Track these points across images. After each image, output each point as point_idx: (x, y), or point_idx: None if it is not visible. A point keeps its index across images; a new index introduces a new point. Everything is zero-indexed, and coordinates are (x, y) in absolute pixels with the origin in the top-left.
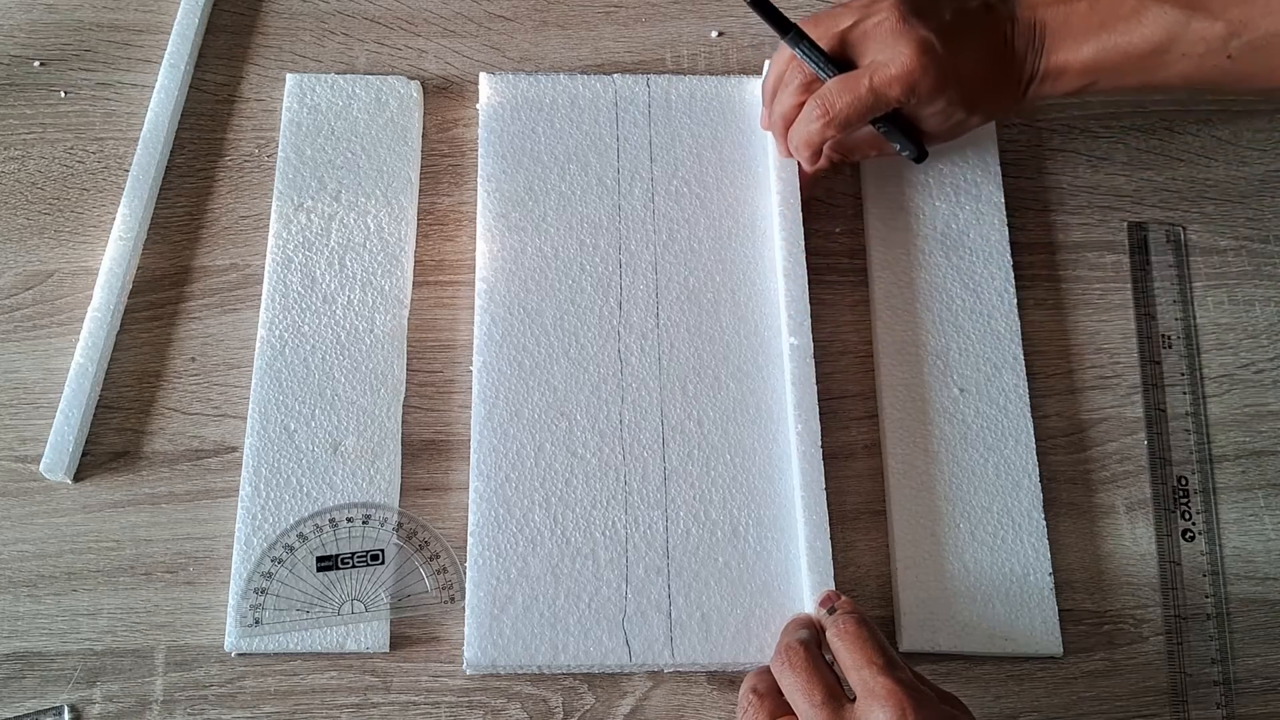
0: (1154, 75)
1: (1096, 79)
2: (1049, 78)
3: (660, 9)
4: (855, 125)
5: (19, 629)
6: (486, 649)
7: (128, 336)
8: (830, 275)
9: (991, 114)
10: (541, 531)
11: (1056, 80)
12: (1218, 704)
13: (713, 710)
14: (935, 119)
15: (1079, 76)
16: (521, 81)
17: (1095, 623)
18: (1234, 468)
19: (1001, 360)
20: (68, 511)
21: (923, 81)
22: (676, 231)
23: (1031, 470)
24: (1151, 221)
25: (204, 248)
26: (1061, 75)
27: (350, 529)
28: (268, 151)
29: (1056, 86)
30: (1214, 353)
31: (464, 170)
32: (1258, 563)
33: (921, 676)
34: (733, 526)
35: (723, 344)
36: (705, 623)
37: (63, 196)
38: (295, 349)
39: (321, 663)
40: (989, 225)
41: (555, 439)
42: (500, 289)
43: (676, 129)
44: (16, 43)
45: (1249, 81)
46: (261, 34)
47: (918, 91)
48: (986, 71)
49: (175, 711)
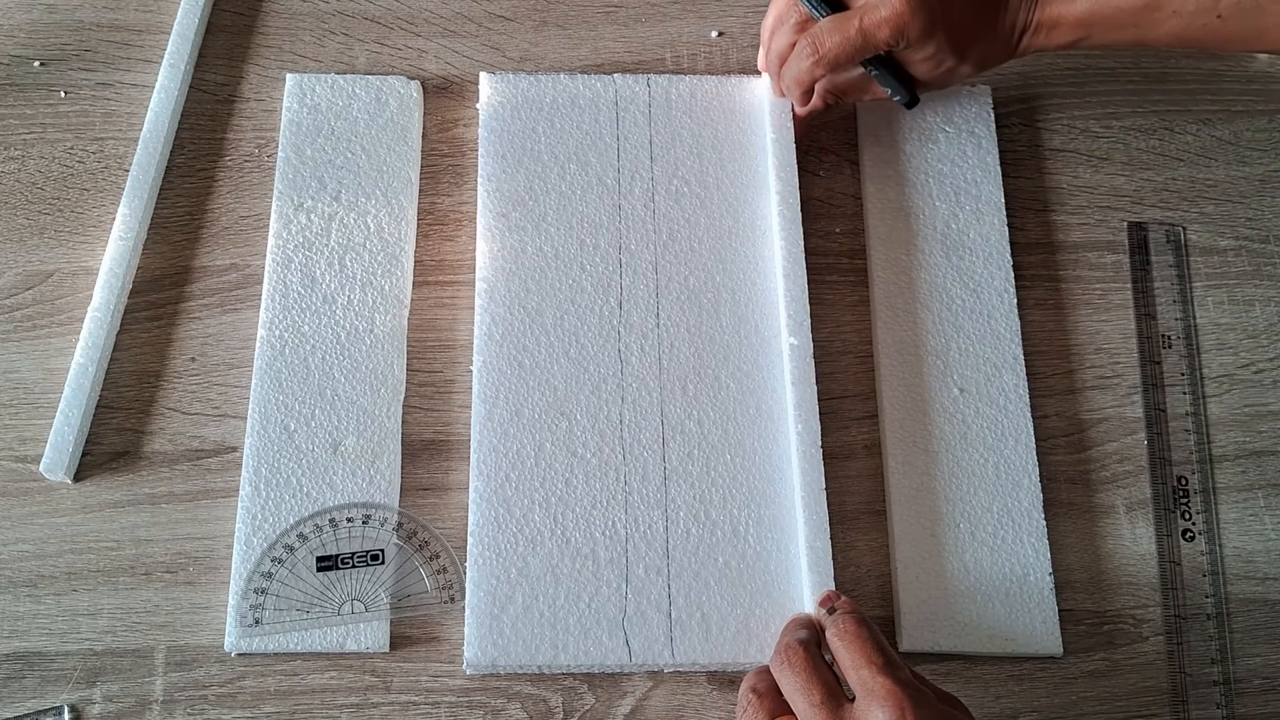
0: (1146, 32)
1: (1090, 33)
2: (1043, 29)
3: (660, 9)
4: (844, 66)
5: (19, 629)
6: (486, 649)
7: (128, 336)
8: (830, 275)
9: (983, 63)
10: (541, 531)
11: (1050, 32)
12: (1218, 704)
13: (712, 710)
14: (926, 65)
15: (1072, 30)
16: (522, 81)
17: (1095, 623)
18: (1234, 468)
19: (1001, 360)
20: (68, 511)
21: (912, 25)
22: (677, 231)
23: (1031, 470)
24: (1151, 221)
25: (204, 248)
26: (1055, 27)
27: (350, 529)
28: (268, 151)
29: (1050, 39)
30: (1214, 353)
31: (464, 170)
32: (1258, 563)
33: (921, 676)
34: (733, 526)
35: (723, 344)
36: (705, 623)
37: (63, 196)
38: (295, 349)
39: (321, 663)
40: (989, 225)
41: (555, 439)
42: (500, 289)
43: (677, 129)
44: (16, 43)
45: (1239, 42)
46: (261, 34)
47: (907, 35)
48: (976, 19)
49: (175, 711)
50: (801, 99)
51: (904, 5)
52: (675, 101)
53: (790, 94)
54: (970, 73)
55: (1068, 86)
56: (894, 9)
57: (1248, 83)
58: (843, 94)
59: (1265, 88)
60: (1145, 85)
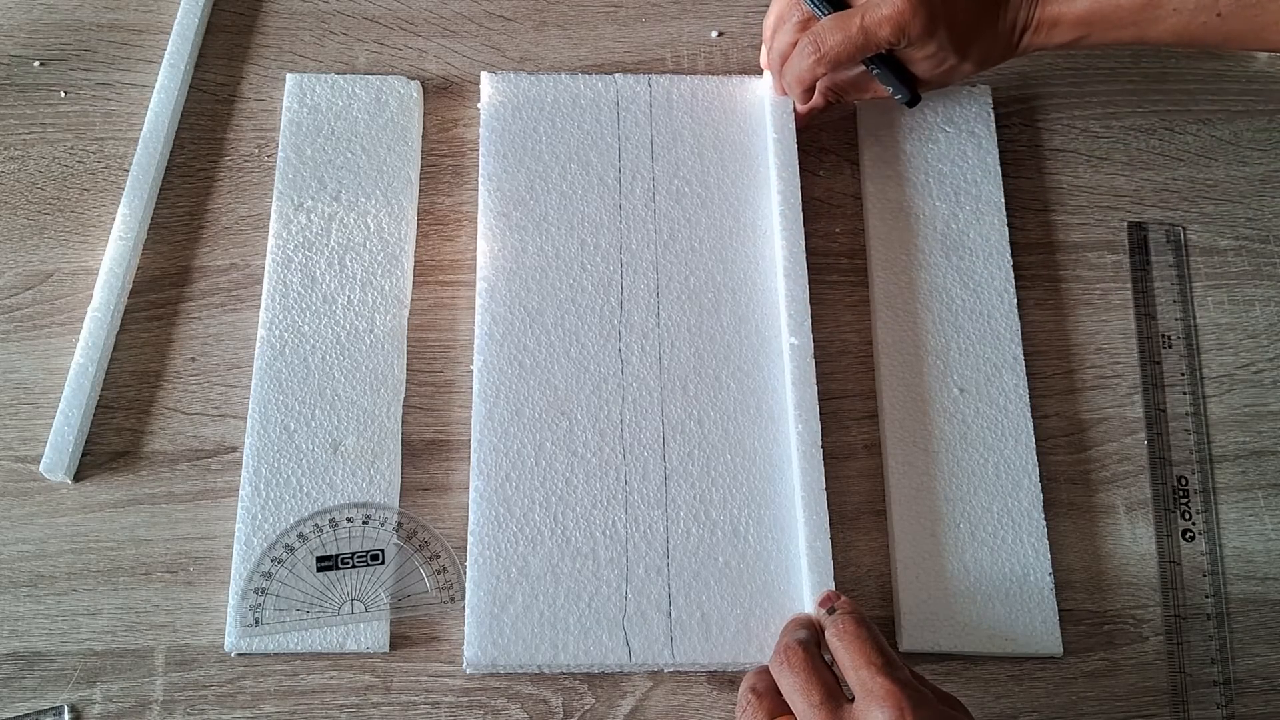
0: (1146, 30)
1: (1090, 31)
2: (1043, 28)
3: (660, 9)
4: (846, 64)
5: (19, 629)
6: (486, 649)
7: (128, 336)
8: (830, 275)
9: (984, 62)
10: (541, 531)
11: (1051, 31)
12: (1218, 704)
13: (712, 710)
14: (928, 63)
15: (1073, 28)
16: (523, 81)
17: (1095, 623)
18: (1234, 468)
19: (1001, 360)
20: (68, 511)
21: (913, 23)
22: (677, 231)
23: (1031, 470)
24: (1151, 221)
25: (204, 248)
26: (1056, 26)
27: (350, 529)
28: (268, 151)
29: (1051, 37)
30: (1214, 353)
31: (464, 170)
32: (1258, 563)
33: (921, 676)
34: (733, 526)
35: (723, 344)
36: (705, 623)
37: (63, 196)
38: (295, 349)
39: (321, 663)
40: (989, 225)
41: (555, 438)
42: (501, 288)
43: (678, 129)
44: (16, 43)
45: (1239, 40)
46: (261, 34)
47: (908, 33)
48: (978, 17)
49: (175, 711)
50: (803, 97)
51: (905, 3)
52: (676, 101)
53: (792, 92)
54: (971, 71)
55: (1068, 86)
56: (895, 7)
57: (1248, 83)
58: (844, 92)
59: (1265, 88)
60: (1145, 85)
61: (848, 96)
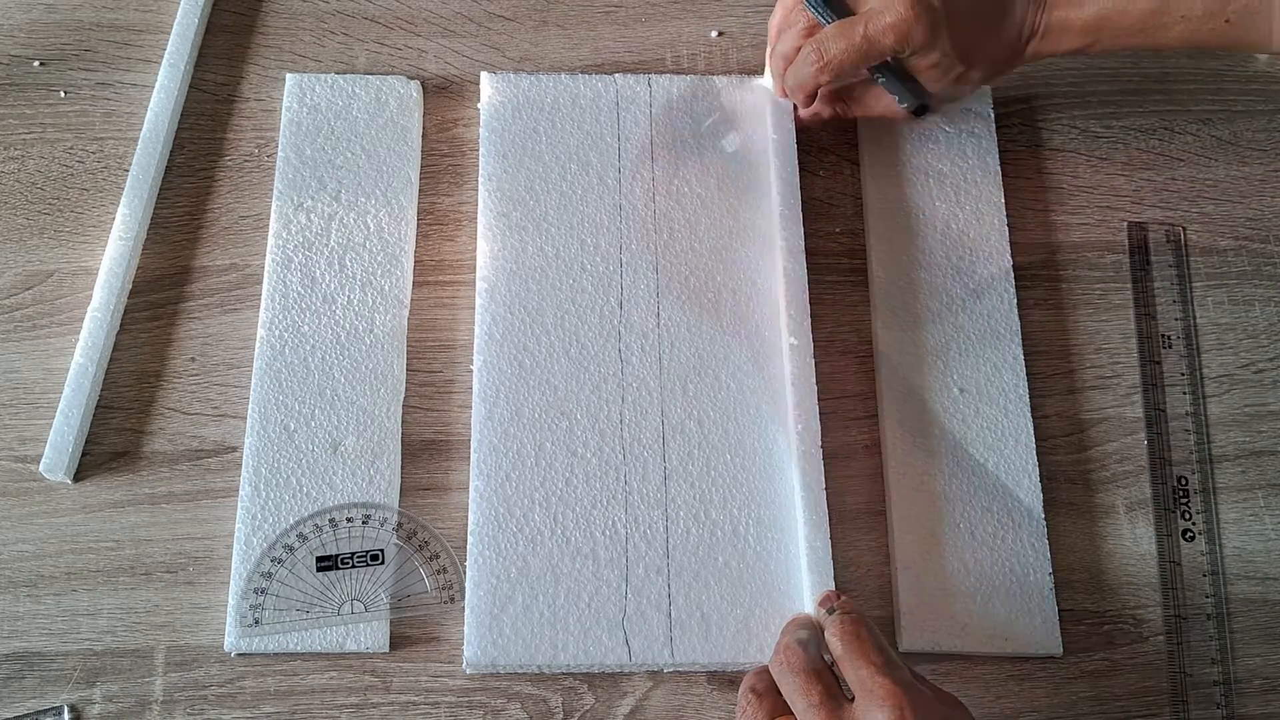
0: (1154, 36)
1: (1097, 38)
2: (1050, 35)
3: (660, 9)
4: (848, 72)
5: (19, 629)
6: (486, 649)
7: (128, 336)
8: (830, 275)
9: (991, 70)
10: (541, 531)
11: (1058, 38)
12: (1218, 704)
13: (712, 710)
14: (933, 72)
15: (1080, 35)
16: (523, 81)
17: (1095, 623)
18: (1234, 468)
19: (1001, 360)
20: (68, 511)
21: (916, 31)
22: (677, 231)
23: (1031, 470)
24: (1151, 221)
25: (204, 248)
26: (1063, 33)
27: (350, 529)
28: (268, 151)
29: (1058, 44)
30: (1214, 353)
31: (464, 170)
32: (1258, 563)
33: (921, 676)
34: (733, 526)
35: (723, 344)
36: (705, 623)
37: (63, 196)
38: (295, 349)
39: (321, 663)
40: (989, 225)
41: (555, 438)
42: (501, 288)
43: (678, 129)
44: (16, 43)
45: (1248, 45)
46: (261, 34)
47: (911, 41)
48: (983, 25)
49: (175, 711)
50: (805, 103)
51: (908, 11)
52: (676, 101)
53: (793, 97)
54: (980, 79)
55: (1068, 86)
56: (898, 15)
57: (1248, 83)
58: (850, 104)
59: (1265, 88)
60: (1145, 85)
61: (854, 110)
